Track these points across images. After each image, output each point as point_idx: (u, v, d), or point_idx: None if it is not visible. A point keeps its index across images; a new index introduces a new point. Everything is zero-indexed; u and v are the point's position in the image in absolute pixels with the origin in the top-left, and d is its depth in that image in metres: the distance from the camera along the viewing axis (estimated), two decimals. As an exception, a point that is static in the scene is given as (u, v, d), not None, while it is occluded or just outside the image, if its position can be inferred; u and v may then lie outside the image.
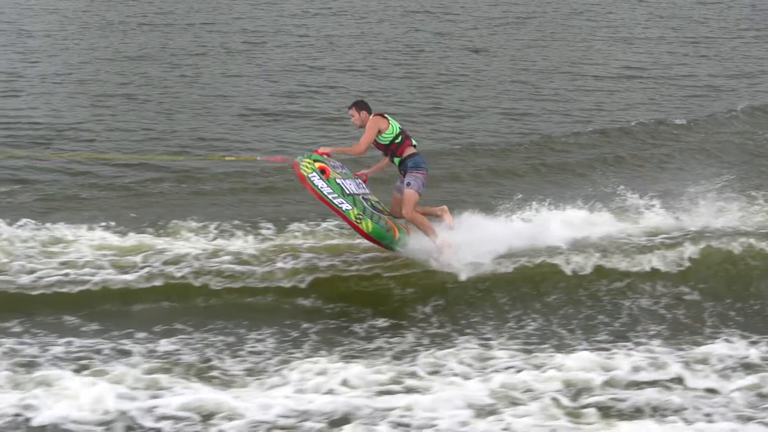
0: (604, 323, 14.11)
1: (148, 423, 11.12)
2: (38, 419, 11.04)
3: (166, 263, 14.90)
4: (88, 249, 15.31)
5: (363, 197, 14.78)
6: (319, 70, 29.58)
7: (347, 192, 14.50)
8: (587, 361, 12.59)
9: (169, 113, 24.22)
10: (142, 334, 13.16)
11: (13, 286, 14.11)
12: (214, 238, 15.91)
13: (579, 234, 15.85)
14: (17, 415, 11.11)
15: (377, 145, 14.84)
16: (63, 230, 15.75)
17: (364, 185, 15.24)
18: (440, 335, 13.58)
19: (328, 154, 14.83)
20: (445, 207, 15.37)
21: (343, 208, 14.27)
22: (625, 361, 12.68)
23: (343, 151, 15.05)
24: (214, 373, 12.27)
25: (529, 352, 12.98)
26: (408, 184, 14.70)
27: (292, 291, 14.48)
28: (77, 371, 12.02)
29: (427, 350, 12.94)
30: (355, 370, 12.21)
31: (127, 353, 12.68)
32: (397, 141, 14.76)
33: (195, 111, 24.54)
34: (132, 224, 16.34)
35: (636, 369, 12.46)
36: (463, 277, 14.60)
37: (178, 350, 12.81)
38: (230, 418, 11.21)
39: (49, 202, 17.58)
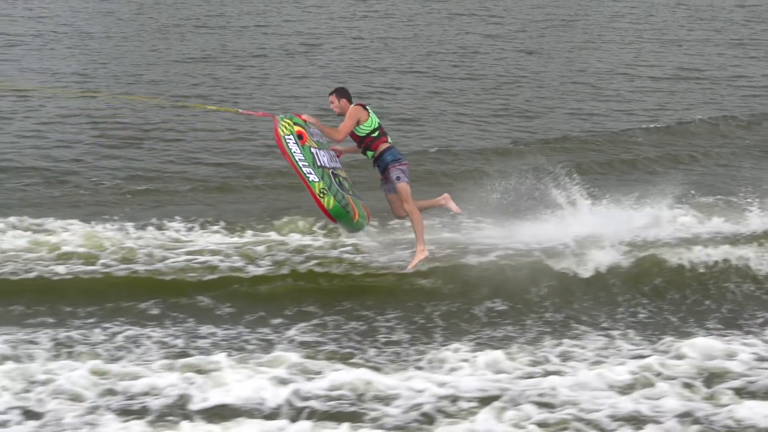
0: (713, 309, 14.75)
1: (307, 404, 11.70)
2: (198, 405, 11.55)
3: (289, 252, 15.57)
4: (208, 242, 15.95)
5: (333, 172, 14.60)
6: (381, 71, 30.16)
7: (318, 163, 14.29)
8: (709, 346, 13.19)
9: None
10: (277, 320, 13.81)
11: (154, 272, 14.77)
12: (328, 233, 16.53)
13: (684, 227, 16.48)
14: (178, 398, 11.70)
15: (353, 135, 14.73)
16: (177, 226, 16.46)
17: (337, 159, 15.14)
18: (559, 322, 14.19)
19: (306, 136, 14.46)
20: (446, 195, 15.53)
21: (310, 179, 14.06)
22: (744, 345, 13.30)
23: (323, 129, 14.74)
24: (357, 359, 12.89)
25: (650, 338, 13.60)
26: (398, 179, 14.66)
27: (412, 274, 15.07)
28: (230, 357, 12.64)
29: (553, 337, 13.58)
30: (492, 356, 12.82)
31: (268, 340, 13.30)
32: (373, 135, 14.67)
33: (270, 111, 25.06)
34: (243, 219, 17.02)
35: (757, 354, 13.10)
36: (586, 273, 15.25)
37: (319, 337, 13.43)
38: (384, 400, 11.83)
39: (160, 200, 18.26)
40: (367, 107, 14.77)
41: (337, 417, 11.45)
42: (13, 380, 11.72)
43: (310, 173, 14.05)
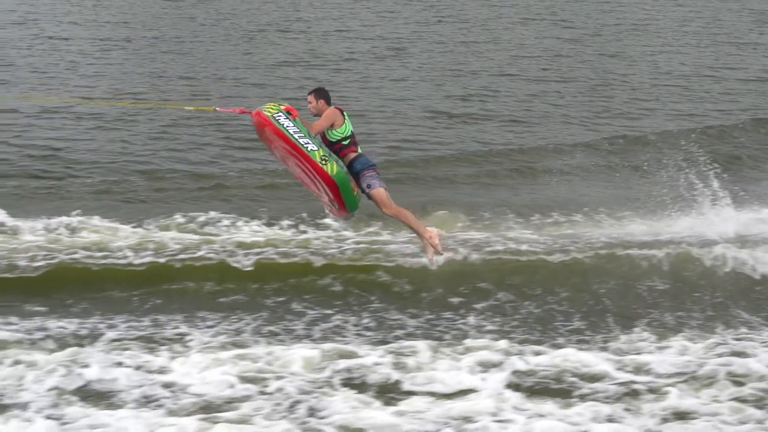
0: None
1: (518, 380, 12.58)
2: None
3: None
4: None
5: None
6: (474, 74, 30.89)
7: (312, 134, 13.87)
8: None
9: (362, 116, 25.56)
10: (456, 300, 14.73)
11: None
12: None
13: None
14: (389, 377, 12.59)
15: (324, 140, 14.10)
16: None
17: None
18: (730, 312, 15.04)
19: (296, 111, 13.90)
20: (436, 232, 14.78)
21: (309, 149, 13.53)
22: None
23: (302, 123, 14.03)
24: (545, 339, 13.75)
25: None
26: (369, 186, 14.07)
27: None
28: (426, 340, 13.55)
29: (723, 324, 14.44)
30: (676, 338, 13.67)
31: (456, 325, 14.18)
32: (344, 142, 14.12)
33: (382, 113, 25.88)
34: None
35: None
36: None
37: (503, 320, 14.30)
38: (587, 378, 12.65)
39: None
40: (345, 113, 14.22)
41: (547, 393, 12.29)
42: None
43: (308, 143, 13.55)
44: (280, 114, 13.59)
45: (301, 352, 12.92)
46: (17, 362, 12.44)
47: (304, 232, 16.99)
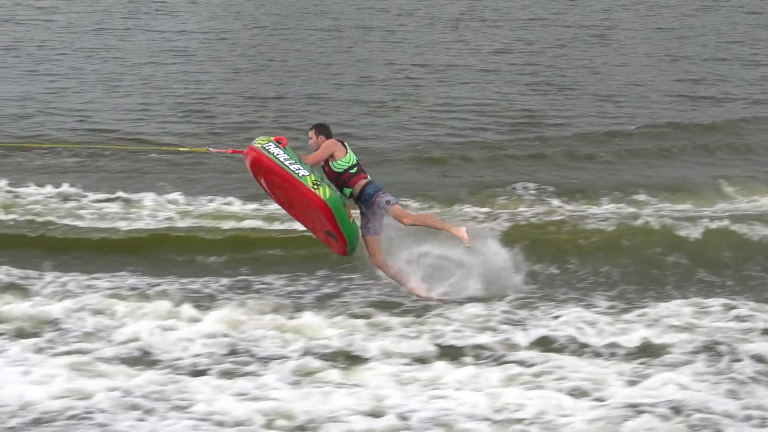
0: None
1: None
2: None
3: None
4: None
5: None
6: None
7: (303, 161, 13.80)
8: None
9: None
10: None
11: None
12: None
13: None
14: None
15: (329, 172, 14.05)
16: None
17: None
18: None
19: (285, 140, 13.96)
20: (464, 228, 14.27)
21: (300, 174, 13.43)
22: None
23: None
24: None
25: None
26: (388, 202, 13.91)
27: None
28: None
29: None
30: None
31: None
32: (351, 171, 14.00)
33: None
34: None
35: None
36: None
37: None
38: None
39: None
40: (345, 143, 14.14)
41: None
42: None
43: (299, 169, 13.46)
44: (270, 143, 13.64)
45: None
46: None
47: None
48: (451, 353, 12.53)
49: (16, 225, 17.02)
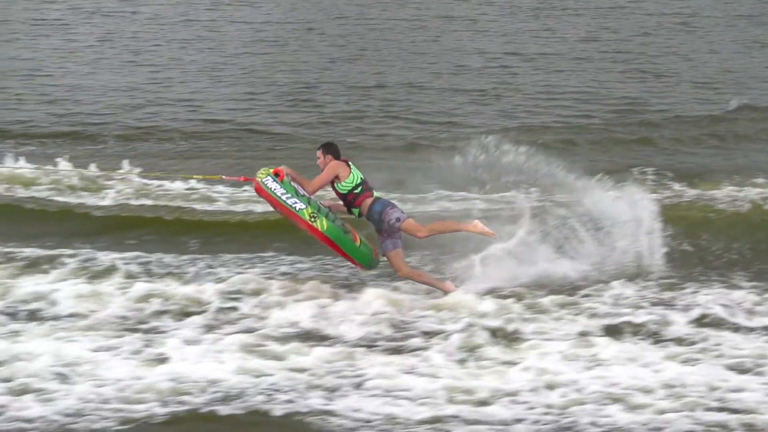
0: None
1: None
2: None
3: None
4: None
5: (319, 203, 14.20)
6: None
7: (301, 192, 13.93)
8: None
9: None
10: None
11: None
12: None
13: None
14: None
15: (336, 193, 14.14)
16: None
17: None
18: None
19: (283, 173, 13.99)
20: (477, 221, 14.24)
21: (297, 208, 13.64)
22: None
23: (298, 180, 14.15)
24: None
25: None
26: (398, 219, 13.87)
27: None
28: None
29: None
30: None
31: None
32: (356, 191, 13.98)
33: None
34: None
35: None
36: None
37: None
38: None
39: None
40: (350, 163, 14.11)
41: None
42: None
43: (296, 203, 13.68)
44: (268, 178, 13.85)
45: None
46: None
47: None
48: (609, 331, 12.95)
49: (154, 209, 17.60)
